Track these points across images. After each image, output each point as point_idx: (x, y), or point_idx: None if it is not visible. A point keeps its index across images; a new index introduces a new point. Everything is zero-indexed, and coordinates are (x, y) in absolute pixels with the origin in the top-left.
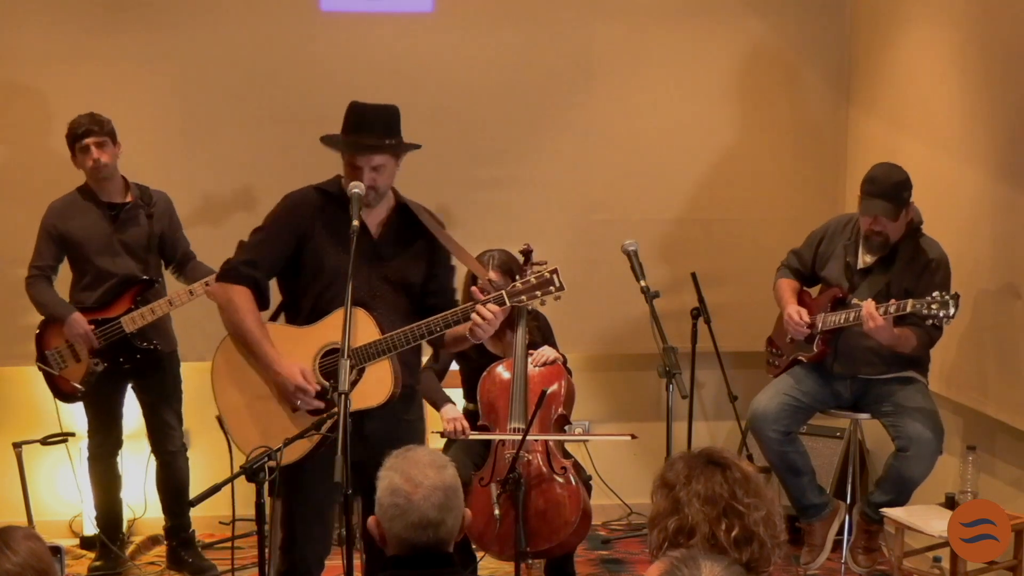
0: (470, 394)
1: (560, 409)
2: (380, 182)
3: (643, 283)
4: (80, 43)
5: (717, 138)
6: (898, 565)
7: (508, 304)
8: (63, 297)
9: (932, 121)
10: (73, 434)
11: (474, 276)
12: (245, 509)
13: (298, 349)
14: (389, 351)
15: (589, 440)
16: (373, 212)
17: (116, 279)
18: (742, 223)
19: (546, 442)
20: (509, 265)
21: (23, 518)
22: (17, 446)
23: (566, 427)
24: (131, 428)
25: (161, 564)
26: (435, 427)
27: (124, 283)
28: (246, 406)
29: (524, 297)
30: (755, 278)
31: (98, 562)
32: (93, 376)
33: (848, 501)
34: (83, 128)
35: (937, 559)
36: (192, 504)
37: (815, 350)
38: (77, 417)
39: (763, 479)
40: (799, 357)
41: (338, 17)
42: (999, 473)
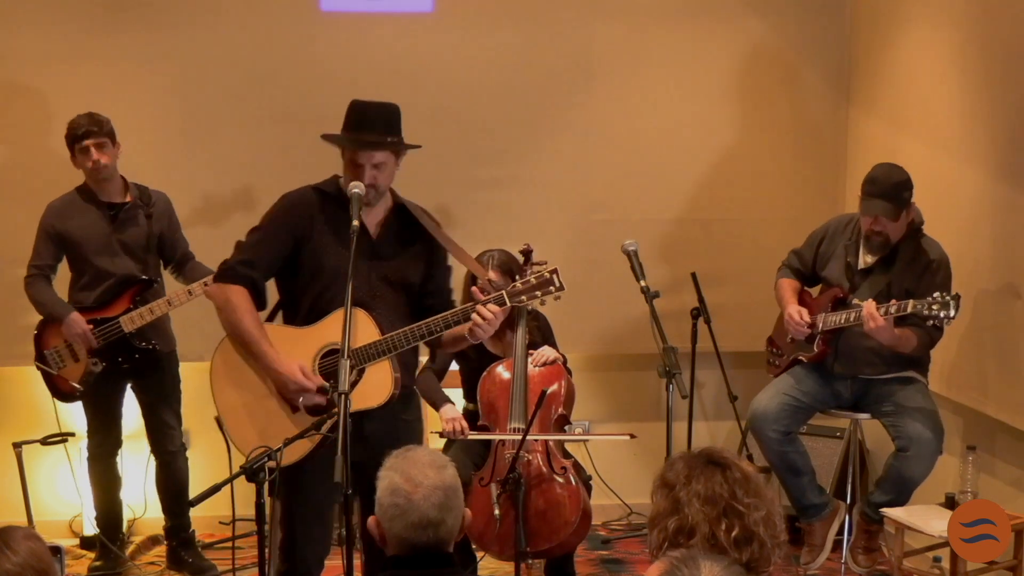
0: (470, 394)
1: (560, 409)
2: (381, 180)
3: (643, 283)
4: (80, 43)
5: (717, 138)
6: (898, 565)
7: (508, 304)
8: (62, 297)
9: (932, 121)
10: (73, 434)
11: (474, 276)
12: (245, 509)
13: (297, 350)
14: (389, 352)
15: (588, 440)
16: (372, 212)
17: (115, 279)
18: (742, 223)
19: (546, 442)
20: (509, 265)
21: (23, 518)
22: (17, 446)
23: (566, 427)
24: (131, 428)
25: (161, 564)
26: (434, 427)
27: (123, 283)
28: (245, 407)
29: (524, 297)
30: (755, 278)
31: (98, 562)
32: (92, 376)
33: (848, 501)
34: (83, 129)
35: (937, 559)
36: (192, 504)
37: (815, 350)
38: (77, 417)
39: (763, 479)
40: (799, 357)
41: (338, 17)
42: (999, 473)
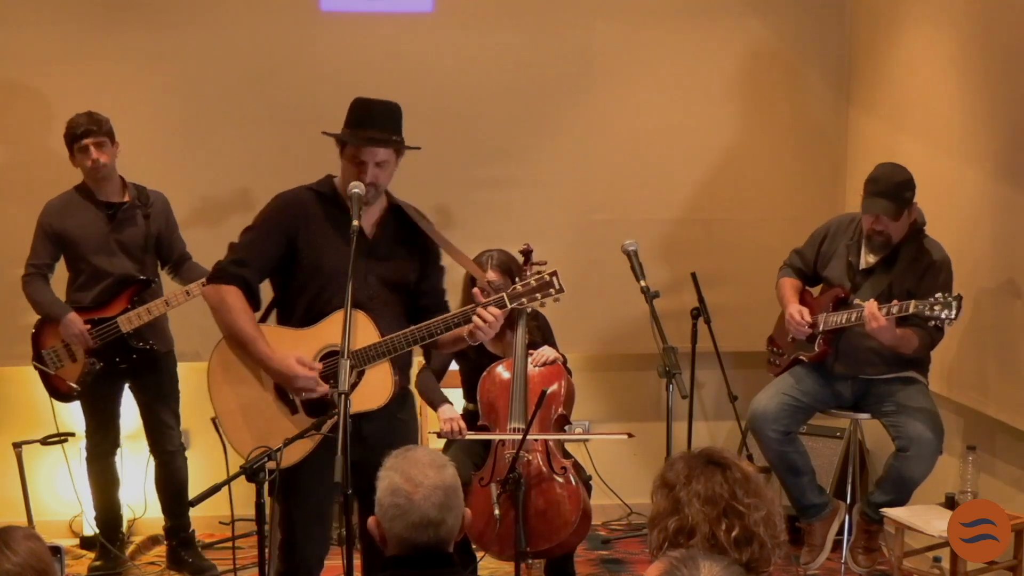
0: (470, 394)
1: (560, 409)
2: (381, 179)
3: (643, 283)
4: (80, 43)
5: (717, 138)
6: (898, 565)
7: (509, 307)
8: (59, 296)
9: (932, 121)
10: (73, 434)
11: (473, 278)
12: (245, 509)
13: (295, 351)
14: (389, 354)
15: (585, 440)
16: (368, 212)
17: (112, 279)
18: (742, 223)
19: (546, 442)
20: (508, 265)
21: (23, 518)
22: (17, 446)
23: (566, 427)
24: (131, 428)
25: (161, 564)
26: (433, 427)
27: (121, 283)
28: (242, 409)
29: (524, 300)
30: (755, 278)
31: (98, 562)
32: (89, 376)
33: (848, 501)
34: (82, 128)
35: (937, 559)
36: (192, 504)
37: (816, 350)
38: (77, 417)
39: (763, 479)
40: (800, 356)
41: (338, 17)
42: (999, 473)
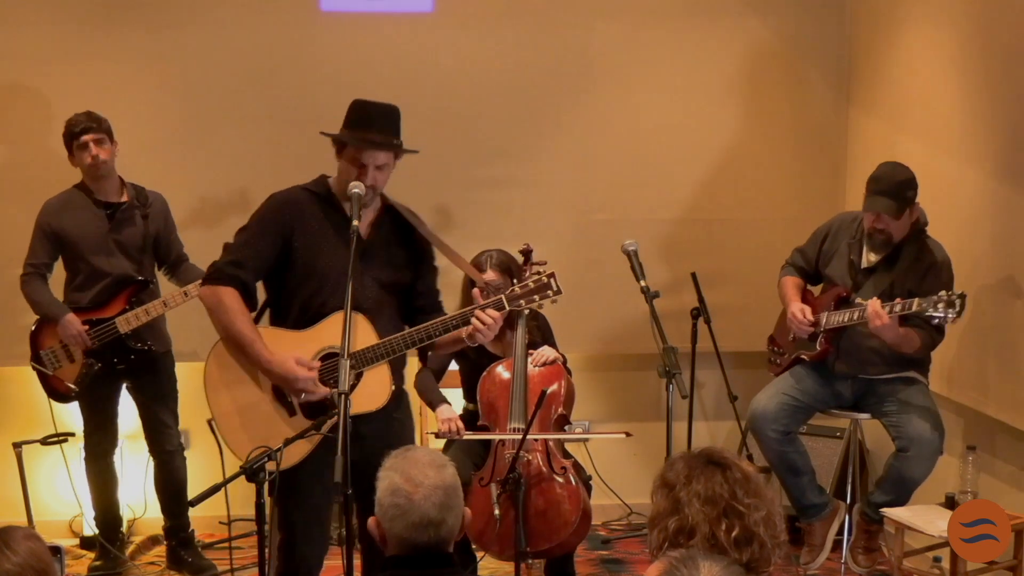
0: (470, 394)
1: (560, 409)
2: (380, 181)
3: (643, 283)
4: (80, 43)
5: (717, 138)
6: (898, 565)
7: (507, 308)
8: (57, 296)
9: (932, 121)
10: (73, 434)
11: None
12: (246, 509)
13: (293, 353)
14: (388, 355)
15: (583, 439)
16: (364, 214)
17: (110, 279)
18: (742, 223)
19: (546, 442)
20: (508, 265)
21: (23, 518)
22: (17, 446)
23: (566, 427)
24: (131, 429)
25: (161, 564)
26: (432, 427)
27: (119, 283)
28: (240, 411)
29: (523, 301)
30: (755, 278)
31: (98, 562)
32: (87, 376)
33: (848, 501)
34: (81, 126)
35: (937, 559)
36: (192, 504)
37: (818, 349)
38: (77, 417)
39: (763, 479)
40: (802, 356)
41: (338, 17)
42: (999, 473)
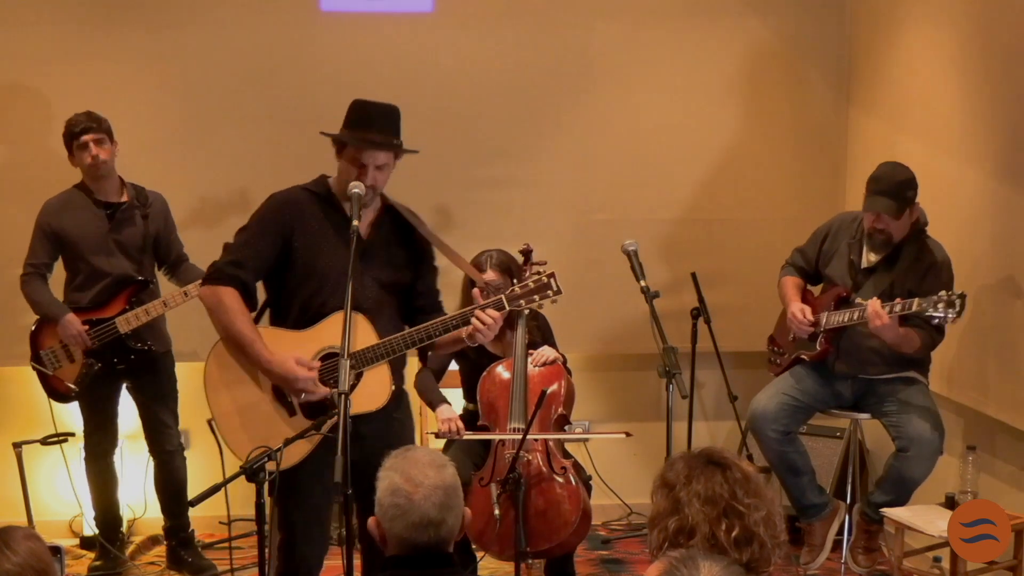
0: (470, 394)
1: (560, 409)
2: (380, 181)
3: (643, 283)
4: (80, 43)
5: (717, 138)
6: (898, 565)
7: (507, 309)
8: (57, 296)
9: (932, 121)
10: (73, 434)
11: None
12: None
13: (293, 353)
14: (388, 355)
15: (582, 439)
16: (364, 214)
17: (110, 279)
18: (742, 223)
19: (546, 442)
20: (508, 264)
21: (23, 518)
22: (17, 446)
23: (566, 427)
24: (131, 429)
25: (161, 564)
26: (433, 428)
27: (119, 283)
28: (240, 411)
29: (522, 301)
30: (755, 278)
31: (98, 562)
32: (87, 376)
33: (848, 501)
34: (81, 126)
35: (937, 559)
36: (192, 504)
37: (818, 349)
38: (76, 417)
39: (763, 479)
40: (802, 355)
41: (338, 17)
42: (999, 473)
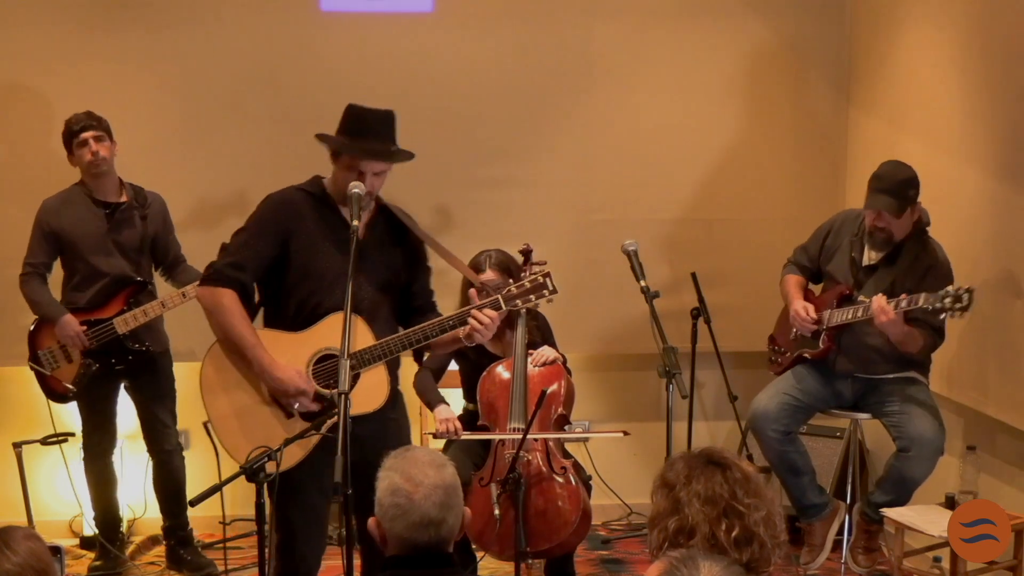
0: (470, 394)
1: (560, 409)
2: (378, 186)
3: (643, 283)
4: (80, 43)
5: (717, 138)
6: (898, 565)
7: (504, 309)
8: (56, 295)
9: (932, 121)
10: (73, 434)
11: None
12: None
13: (289, 355)
14: (385, 356)
15: (583, 439)
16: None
17: (108, 279)
18: (742, 223)
19: (546, 442)
20: (507, 264)
21: (23, 518)
22: (17, 446)
23: (566, 427)
24: (130, 429)
25: (161, 564)
26: (431, 428)
27: (117, 284)
28: (237, 414)
29: (519, 301)
30: (755, 278)
31: (98, 562)
32: (85, 377)
33: (848, 501)
34: (81, 124)
35: (937, 559)
36: (192, 504)
37: (821, 346)
38: (76, 417)
39: (763, 479)
40: (804, 354)
41: (338, 17)
42: (999, 473)
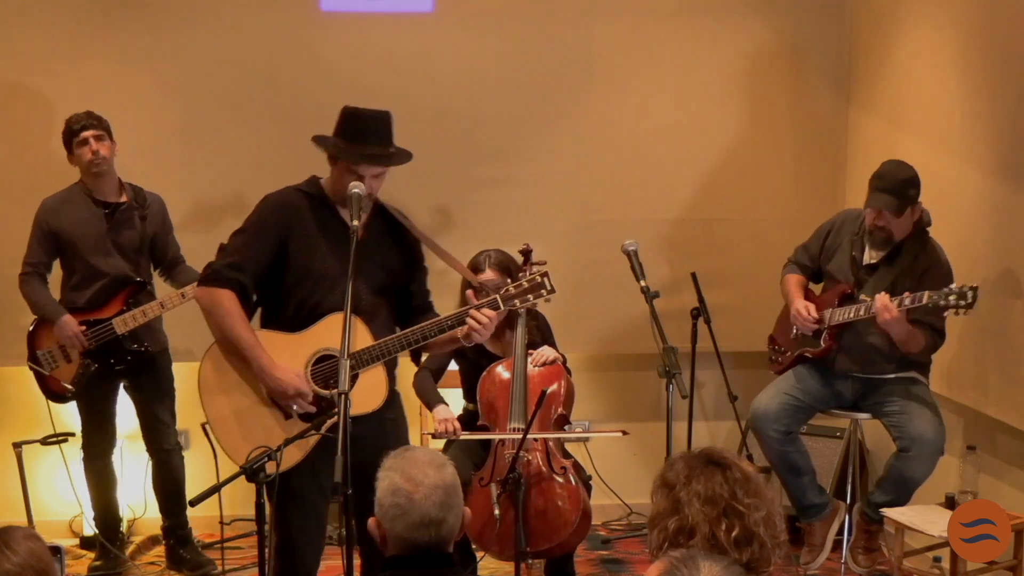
0: (469, 394)
1: (560, 409)
2: (376, 187)
3: (643, 283)
4: (80, 43)
5: (717, 138)
6: (898, 565)
7: (503, 309)
8: (55, 295)
9: (932, 121)
10: (73, 434)
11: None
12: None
13: (287, 356)
14: (384, 356)
15: (583, 439)
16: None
17: (107, 279)
18: (742, 223)
19: (546, 442)
20: (506, 264)
21: (23, 518)
22: (17, 446)
23: (566, 427)
24: (130, 429)
25: (161, 564)
26: (431, 428)
27: (116, 284)
28: (236, 415)
29: (517, 301)
30: (755, 278)
31: (98, 562)
32: (84, 377)
33: (848, 501)
34: (81, 123)
35: (937, 559)
36: (192, 504)
37: (822, 345)
38: (76, 417)
39: (763, 479)
40: (805, 353)
41: (338, 17)
42: (999, 473)
